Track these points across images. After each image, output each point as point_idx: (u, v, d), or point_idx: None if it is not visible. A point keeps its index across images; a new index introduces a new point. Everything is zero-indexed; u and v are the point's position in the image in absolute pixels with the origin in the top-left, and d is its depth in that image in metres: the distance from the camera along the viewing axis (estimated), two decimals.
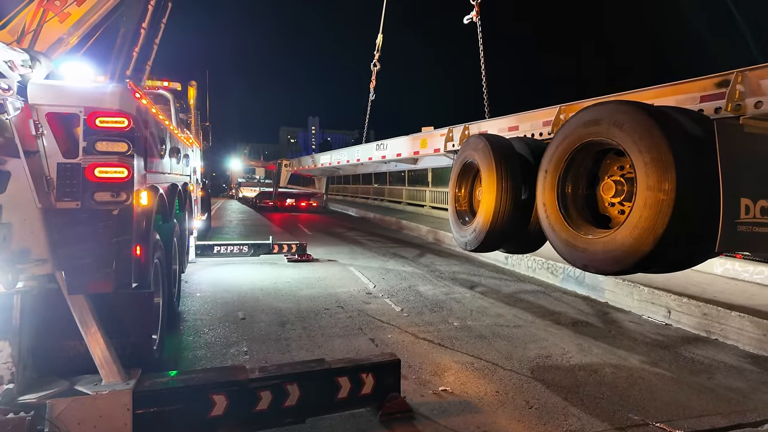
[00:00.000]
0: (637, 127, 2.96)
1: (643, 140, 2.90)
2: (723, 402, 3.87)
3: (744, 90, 3.10)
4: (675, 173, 2.77)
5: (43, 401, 2.68)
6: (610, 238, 3.11)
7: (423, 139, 7.36)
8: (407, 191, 22.80)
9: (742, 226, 2.76)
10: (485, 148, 4.30)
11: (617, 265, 3.08)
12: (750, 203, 2.78)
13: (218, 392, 2.97)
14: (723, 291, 6.22)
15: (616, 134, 3.09)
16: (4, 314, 2.82)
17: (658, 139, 2.84)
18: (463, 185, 4.93)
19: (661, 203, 2.81)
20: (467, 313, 6.21)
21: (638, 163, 2.94)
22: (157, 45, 5.88)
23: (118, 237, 2.91)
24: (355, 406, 3.41)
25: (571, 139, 3.46)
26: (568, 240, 3.43)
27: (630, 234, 2.96)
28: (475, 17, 8.16)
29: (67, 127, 2.89)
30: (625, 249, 2.99)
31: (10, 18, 3.94)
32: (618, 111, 3.13)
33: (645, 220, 2.88)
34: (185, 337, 5.02)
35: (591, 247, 3.25)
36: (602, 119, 3.21)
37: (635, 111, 3.03)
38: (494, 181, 4.13)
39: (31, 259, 2.71)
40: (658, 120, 2.91)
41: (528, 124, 4.88)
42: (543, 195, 3.65)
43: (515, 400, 3.79)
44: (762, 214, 2.81)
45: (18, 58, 3.00)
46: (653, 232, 2.84)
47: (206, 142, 11.44)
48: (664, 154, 2.81)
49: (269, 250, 9.98)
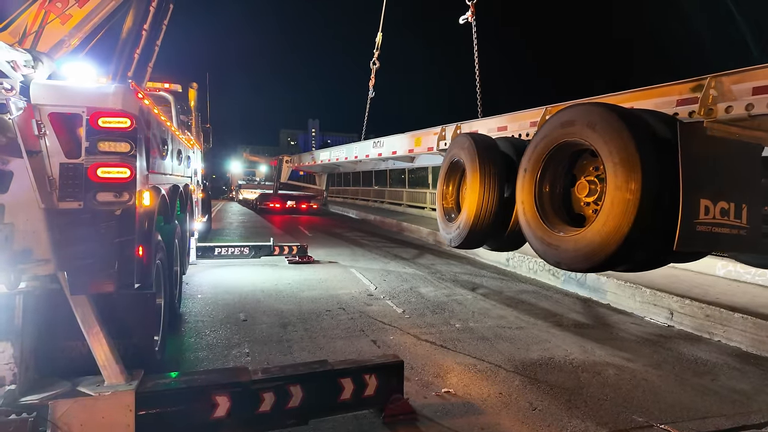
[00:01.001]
0: (608, 129, 3.04)
1: (613, 141, 2.98)
2: (727, 404, 3.85)
3: (717, 95, 3.19)
4: (641, 173, 2.84)
5: (45, 402, 2.67)
6: (580, 236, 3.19)
7: (417, 138, 7.43)
8: (408, 193, 22.80)
9: (701, 226, 2.82)
10: (470, 147, 4.41)
11: (587, 262, 3.15)
12: (710, 204, 2.84)
13: (221, 393, 2.95)
14: (725, 292, 6.21)
15: (589, 135, 3.17)
16: (7, 315, 2.81)
17: (627, 140, 2.92)
18: (451, 183, 5.04)
19: (627, 203, 2.88)
20: (469, 314, 6.19)
21: (608, 164, 3.02)
22: (158, 46, 5.89)
23: (120, 237, 2.89)
24: (358, 407, 3.40)
25: (548, 140, 3.55)
26: (543, 237, 3.52)
27: (598, 232, 3.03)
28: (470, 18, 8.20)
29: (69, 127, 2.88)
30: (593, 247, 3.07)
31: (12, 19, 3.94)
32: (591, 112, 3.22)
33: (612, 218, 2.95)
34: (187, 339, 5.01)
35: (563, 245, 3.33)
36: (576, 120, 3.30)
37: (606, 113, 3.11)
38: (478, 179, 4.24)
39: (34, 260, 2.70)
40: (627, 122, 2.99)
41: (516, 125, 5.00)
42: (521, 193, 3.74)
43: (518, 401, 3.78)
44: (722, 214, 2.88)
45: (21, 59, 2.99)
46: (620, 231, 2.91)
47: (207, 143, 11.44)
48: (631, 155, 2.89)
49: (270, 251, 9.97)
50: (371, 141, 9.83)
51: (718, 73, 3.22)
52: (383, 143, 9.14)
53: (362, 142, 10.68)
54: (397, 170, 24.39)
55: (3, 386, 2.75)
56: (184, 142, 6.15)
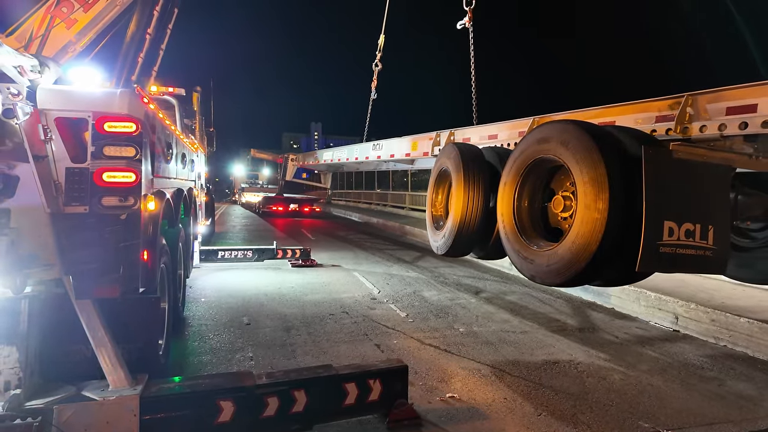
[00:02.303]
0: (579, 147, 3.09)
1: (584, 160, 3.03)
2: (734, 409, 3.82)
3: (693, 113, 3.25)
4: (608, 193, 2.89)
5: (50, 407, 2.67)
6: (552, 252, 3.25)
7: (414, 142, 7.50)
8: (410, 196, 22.80)
9: (665, 248, 2.83)
10: (456, 157, 4.50)
11: (558, 277, 3.21)
12: (674, 225, 2.85)
13: (225, 398, 2.95)
14: (731, 297, 6.17)
15: (563, 153, 3.22)
16: (12, 319, 2.81)
17: (597, 160, 2.96)
18: (440, 191, 5.13)
19: (595, 221, 2.93)
20: (473, 318, 6.17)
21: (578, 182, 3.07)
22: (163, 50, 5.92)
23: (125, 242, 2.90)
24: (362, 412, 3.39)
25: (526, 155, 3.61)
26: (519, 250, 3.59)
27: (569, 249, 3.09)
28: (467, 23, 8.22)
29: (75, 132, 2.89)
30: (564, 263, 3.13)
31: (18, 25, 3.97)
32: (564, 130, 3.27)
33: (581, 237, 3.00)
34: (190, 343, 5.01)
35: (537, 259, 3.39)
36: (551, 137, 3.35)
37: (579, 131, 3.16)
38: (462, 188, 4.32)
39: (39, 264, 2.71)
40: (598, 141, 3.04)
41: (506, 134, 5.08)
42: (501, 205, 3.81)
43: (523, 407, 3.75)
44: (687, 236, 2.89)
45: (27, 64, 3.01)
46: (588, 249, 2.96)
47: (210, 147, 11.46)
48: (600, 175, 2.93)
49: (273, 255, 9.97)
50: (371, 143, 9.93)
51: (695, 91, 3.26)
52: (382, 146, 9.22)
53: (362, 144, 10.78)
54: (399, 173, 24.45)
55: (8, 391, 2.75)
56: (188, 145, 6.17)
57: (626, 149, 3.07)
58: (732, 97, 3.12)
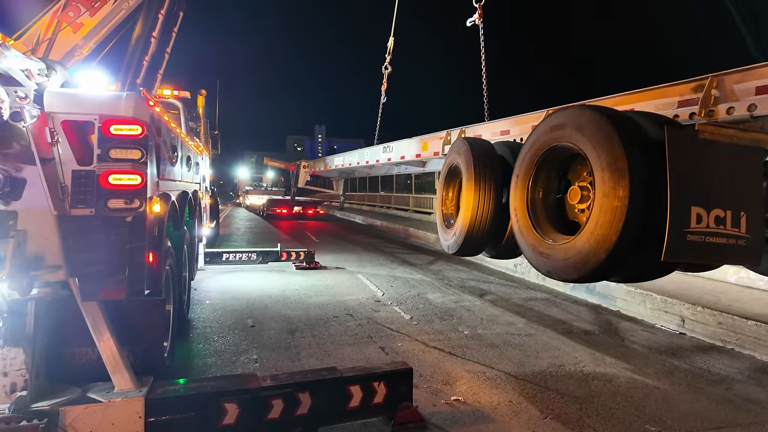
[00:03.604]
0: (596, 132, 2.90)
1: (601, 145, 2.84)
2: (741, 413, 3.78)
3: (718, 95, 3.01)
4: (629, 179, 2.69)
5: (56, 409, 2.68)
6: (570, 245, 3.06)
7: (424, 142, 7.46)
8: (414, 199, 22.79)
9: (693, 236, 2.62)
10: (467, 152, 4.32)
11: (576, 272, 3.02)
12: (702, 212, 2.65)
13: (230, 400, 2.95)
14: (738, 299, 6.12)
15: (578, 139, 3.03)
16: (19, 321, 2.83)
17: (615, 144, 2.77)
18: (450, 189, 4.94)
19: (615, 210, 2.74)
20: (477, 321, 6.15)
21: (596, 169, 2.87)
22: (168, 53, 5.95)
23: (131, 244, 2.91)
24: (366, 415, 3.38)
25: (539, 144, 3.43)
26: (534, 245, 3.40)
27: (587, 241, 2.89)
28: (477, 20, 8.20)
29: (81, 135, 2.91)
30: (582, 256, 2.93)
31: (26, 29, 4.00)
32: (580, 115, 3.08)
33: (600, 227, 2.80)
34: (195, 345, 5.01)
35: (553, 253, 3.21)
36: (566, 124, 3.16)
37: (595, 115, 2.96)
38: (473, 184, 4.13)
39: (46, 266, 2.72)
40: (617, 125, 2.84)
41: (518, 128, 4.91)
42: (514, 200, 3.63)
43: (529, 410, 3.73)
44: (717, 223, 2.68)
45: (35, 67, 3.03)
46: (608, 240, 2.77)
47: (215, 150, 11.50)
48: (619, 161, 2.73)
49: (277, 257, 9.99)
50: (381, 146, 9.94)
51: (719, 72, 3.05)
52: (392, 148, 9.22)
53: (373, 147, 10.79)
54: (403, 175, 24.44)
55: (14, 392, 2.76)
56: (193, 148, 6.19)
57: (647, 133, 2.87)
58: (761, 75, 2.92)
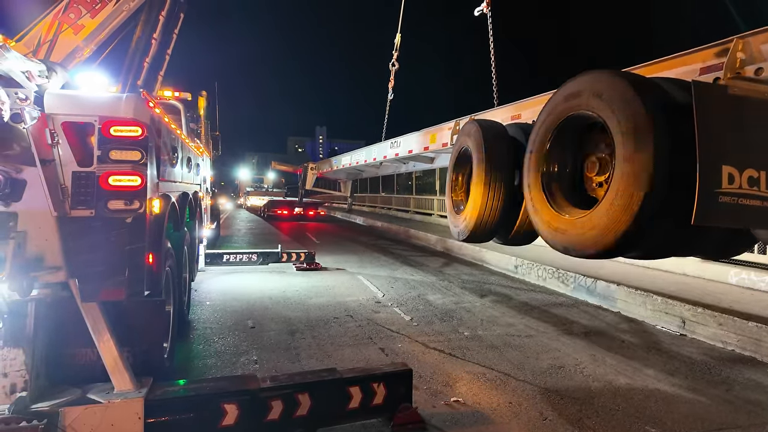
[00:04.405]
0: (616, 96, 2.75)
1: (622, 109, 2.69)
2: (742, 414, 3.77)
3: (744, 57, 2.84)
4: (652, 142, 2.50)
5: (55, 409, 2.68)
6: (588, 218, 2.89)
7: (432, 134, 7.41)
8: (415, 200, 22.79)
9: (725, 197, 2.45)
10: (477, 133, 4.18)
11: (595, 246, 2.85)
12: (735, 172, 2.47)
13: (229, 401, 2.95)
14: (739, 301, 6.11)
15: (596, 105, 2.88)
16: (19, 322, 2.83)
17: (636, 106, 2.61)
18: (460, 174, 4.79)
19: (637, 176, 2.55)
20: (478, 322, 6.15)
21: (616, 134, 2.72)
22: (169, 55, 5.96)
23: (130, 245, 2.92)
24: (366, 416, 3.38)
25: (554, 116, 3.27)
26: (550, 221, 3.24)
27: (607, 211, 2.73)
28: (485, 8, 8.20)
29: (81, 136, 2.92)
30: (601, 228, 2.76)
31: (27, 31, 4.02)
32: (597, 80, 2.93)
33: (621, 195, 2.64)
34: (195, 346, 5.02)
35: (570, 228, 3.04)
36: (582, 91, 3.02)
37: (614, 79, 2.83)
38: (484, 166, 3.97)
39: (46, 267, 2.73)
40: (637, 87, 2.69)
41: (529, 111, 4.76)
42: (528, 177, 3.48)
43: (529, 411, 3.73)
44: (750, 184, 2.51)
45: (35, 69, 3.04)
46: (629, 209, 2.60)
47: (216, 151, 11.53)
48: (641, 123, 2.57)
49: (278, 258, 10.00)
50: (388, 142, 9.92)
51: (744, 33, 2.89)
52: (400, 143, 9.22)
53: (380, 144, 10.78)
54: (404, 176, 24.46)
55: (14, 393, 2.76)
56: (193, 149, 6.20)
57: (670, 94, 2.71)
58: None
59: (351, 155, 14.06)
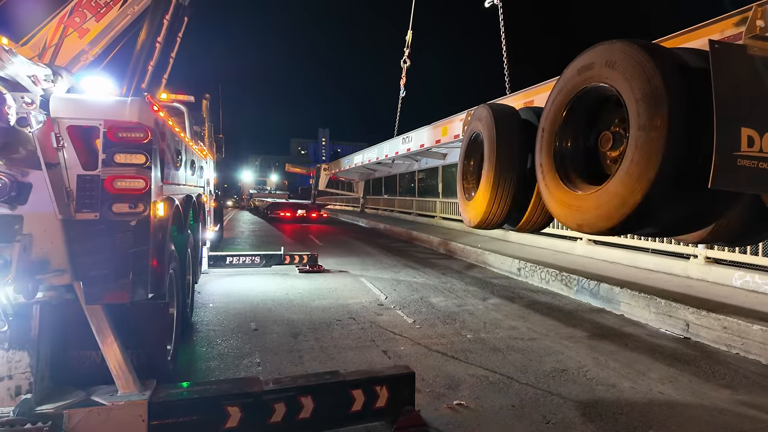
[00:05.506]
0: (629, 63, 2.67)
1: (635, 77, 2.62)
2: (746, 419, 3.76)
3: (764, 25, 2.75)
4: (667, 107, 2.42)
5: (60, 412, 2.70)
6: (602, 192, 2.81)
7: (444, 127, 7.37)
8: (417, 202, 22.79)
9: (743, 160, 2.36)
10: (488, 116, 4.13)
11: (610, 220, 2.76)
12: (754, 134, 2.39)
13: (233, 404, 2.96)
14: (743, 304, 6.08)
15: (609, 75, 2.81)
16: (24, 324, 2.85)
17: (650, 72, 2.53)
18: (472, 160, 4.71)
19: (652, 142, 2.47)
20: (480, 325, 6.14)
21: (630, 103, 2.64)
22: (173, 58, 6.00)
23: (135, 248, 2.93)
24: (369, 419, 3.37)
25: (566, 91, 3.21)
26: (563, 199, 3.16)
27: (621, 182, 2.65)
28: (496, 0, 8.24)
29: (87, 140, 2.94)
30: (615, 201, 2.68)
31: (32, 35, 4.05)
32: (610, 50, 2.85)
33: (635, 164, 2.56)
34: (198, 348, 5.03)
35: (584, 204, 2.97)
36: (595, 62, 2.95)
37: (627, 47, 2.74)
38: (495, 149, 3.91)
39: (51, 270, 2.74)
40: (651, 53, 2.61)
41: (541, 96, 4.72)
42: (540, 155, 3.41)
43: (532, 414, 3.72)
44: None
45: (41, 73, 3.06)
46: (644, 178, 2.51)
47: (219, 153, 11.58)
48: (655, 88, 2.49)
49: (281, 260, 10.01)
50: (400, 137, 9.93)
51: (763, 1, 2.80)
52: (411, 138, 9.21)
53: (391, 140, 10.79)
54: (407, 178, 24.47)
55: (19, 395, 2.78)
56: (197, 152, 6.23)
57: (685, 59, 2.63)
58: None
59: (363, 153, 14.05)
